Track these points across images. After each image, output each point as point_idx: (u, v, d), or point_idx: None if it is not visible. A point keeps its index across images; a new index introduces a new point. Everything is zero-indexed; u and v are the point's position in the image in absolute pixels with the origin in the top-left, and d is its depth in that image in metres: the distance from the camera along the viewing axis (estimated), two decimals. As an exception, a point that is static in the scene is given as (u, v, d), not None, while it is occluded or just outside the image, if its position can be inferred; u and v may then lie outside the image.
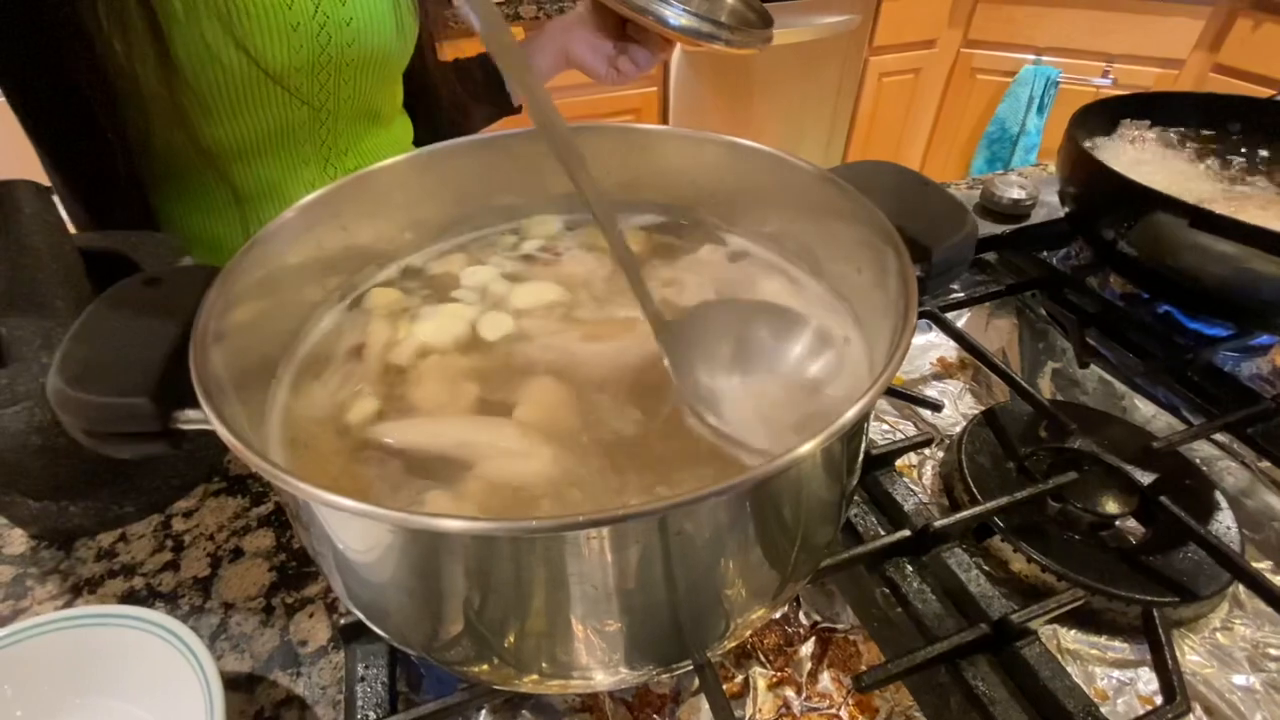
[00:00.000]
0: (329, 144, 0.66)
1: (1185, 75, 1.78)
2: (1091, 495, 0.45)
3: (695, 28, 0.61)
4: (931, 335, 0.64)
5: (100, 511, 0.45)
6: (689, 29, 0.61)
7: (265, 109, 0.58)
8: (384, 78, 0.67)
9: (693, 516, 0.23)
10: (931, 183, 0.37)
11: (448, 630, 0.27)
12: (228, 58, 0.53)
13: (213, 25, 0.51)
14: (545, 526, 0.21)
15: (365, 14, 0.61)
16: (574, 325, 0.39)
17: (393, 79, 0.70)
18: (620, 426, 0.32)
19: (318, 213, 0.36)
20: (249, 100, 0.57)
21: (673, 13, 0.60)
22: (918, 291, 0.28)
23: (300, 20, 0.56)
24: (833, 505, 0.31)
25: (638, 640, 0.27)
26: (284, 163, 0.64)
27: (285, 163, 0.64)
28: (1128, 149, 0.65)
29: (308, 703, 0.37)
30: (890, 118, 2.09)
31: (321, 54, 0.59)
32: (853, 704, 0.39)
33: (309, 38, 0.57)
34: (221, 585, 0.43)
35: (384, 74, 0.67)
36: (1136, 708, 0.38)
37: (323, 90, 0.61)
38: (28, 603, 0.42)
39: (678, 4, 0.60)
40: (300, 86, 0.59)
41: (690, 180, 0.44)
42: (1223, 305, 0.53)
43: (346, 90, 0.63)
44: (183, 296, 0.29)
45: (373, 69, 0.64)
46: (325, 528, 0.25)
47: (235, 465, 0.50)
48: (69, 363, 0.25)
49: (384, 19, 0.62)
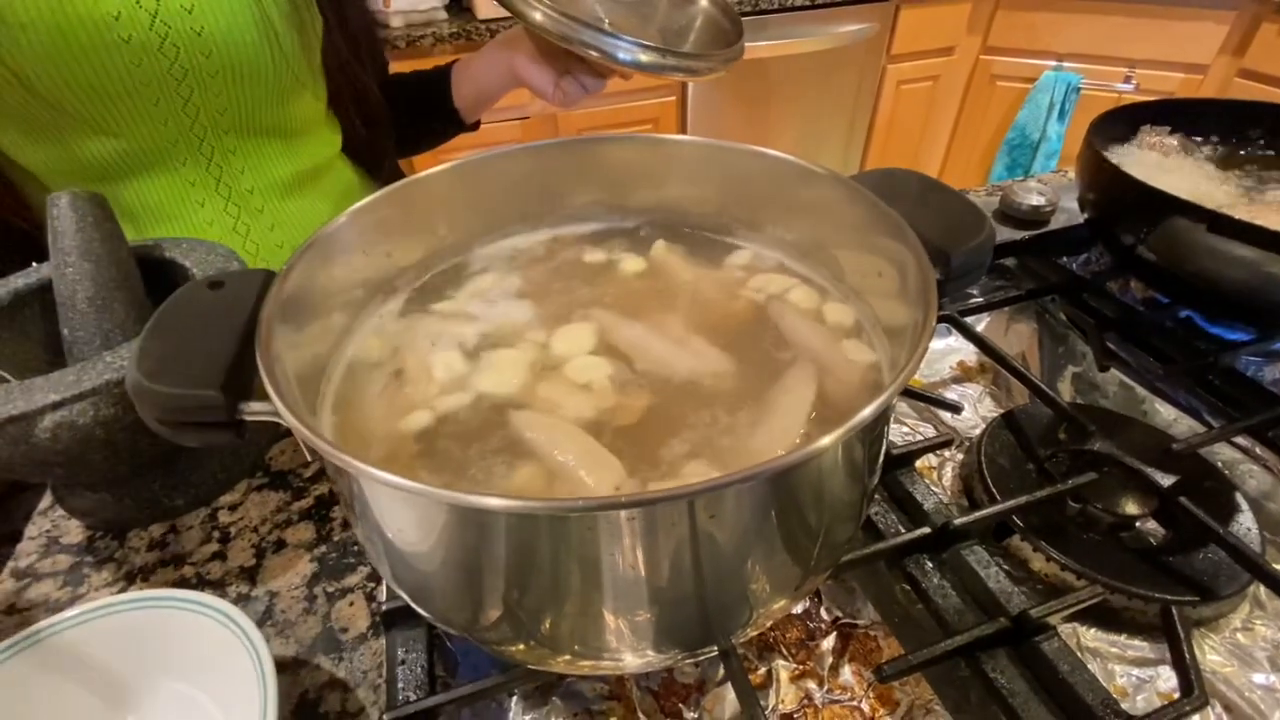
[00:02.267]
0: (218, 162, 0.63)
1: (1209, 81, 1.76)
2: (1111, 496, 0.46)
3: (649, 62, 0.54)
4: (951, 339, 0.64)
5: (152, 504, 0.48)
6: (639, 64, 0.54)
7: (130, 125, 0.56)
8: (267, 91, 0.62)
9: (721, 502, 0.25)
10: (949, 188, 0.38)
11: (487, 610, 0.29)
12: (78, 73, 0.51)
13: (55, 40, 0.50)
14: (583, 506, 0.22)
15: (217, 23, 0.57)
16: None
17: (283, 93, 0.64)
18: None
19: (369, 218, 0.38)
20: (109, 118, 0.55)
21: (623, 48, 0.53)
22: (937, 294, 0.30)
23: (133, 33, 0.53)
24: (854, 500, 0.32)
25: (665, 623, 0.29)
26: (168, 182, 0.61)
27: (169, 182, 0.61)
28: (1148, 155, 0.65)
29: (349, 685, 0.39)
30: (908, 125, 2.09)
31: (172, 67, 0.56)
32: (874, 697, 0.40)
33: (148, 51, 0.54)
34: (266, 574, 0.45)
35: (264, 87, 0.62)
36: (1156, 705, 0.38)
37: (189, 105, 0.59)
38: (85, 590, 0.44)
39: (626, 38, 0.54)
40: (156, 101, 0.57)
41: (714, 189, 0.46)
42: (1243, 310, 0.54)
43: (218, 104, 0.60)
44: (244, 297, 0.31)
45: (245, 82, 0.60)
46: (377, 513, 0.27)
47: (277, 462, 0.52)
48: (145, 358, 0.27)
49: (243, 29, 0.58)
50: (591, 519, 0.24)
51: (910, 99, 2.03)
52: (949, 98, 2.08)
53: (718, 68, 0.58)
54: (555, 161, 0.45)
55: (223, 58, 0.58)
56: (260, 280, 0.32)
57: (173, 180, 0.61)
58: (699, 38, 0.65)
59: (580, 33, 0.53)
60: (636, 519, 0.24)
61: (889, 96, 2.00)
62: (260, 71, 0.61)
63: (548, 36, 0.55)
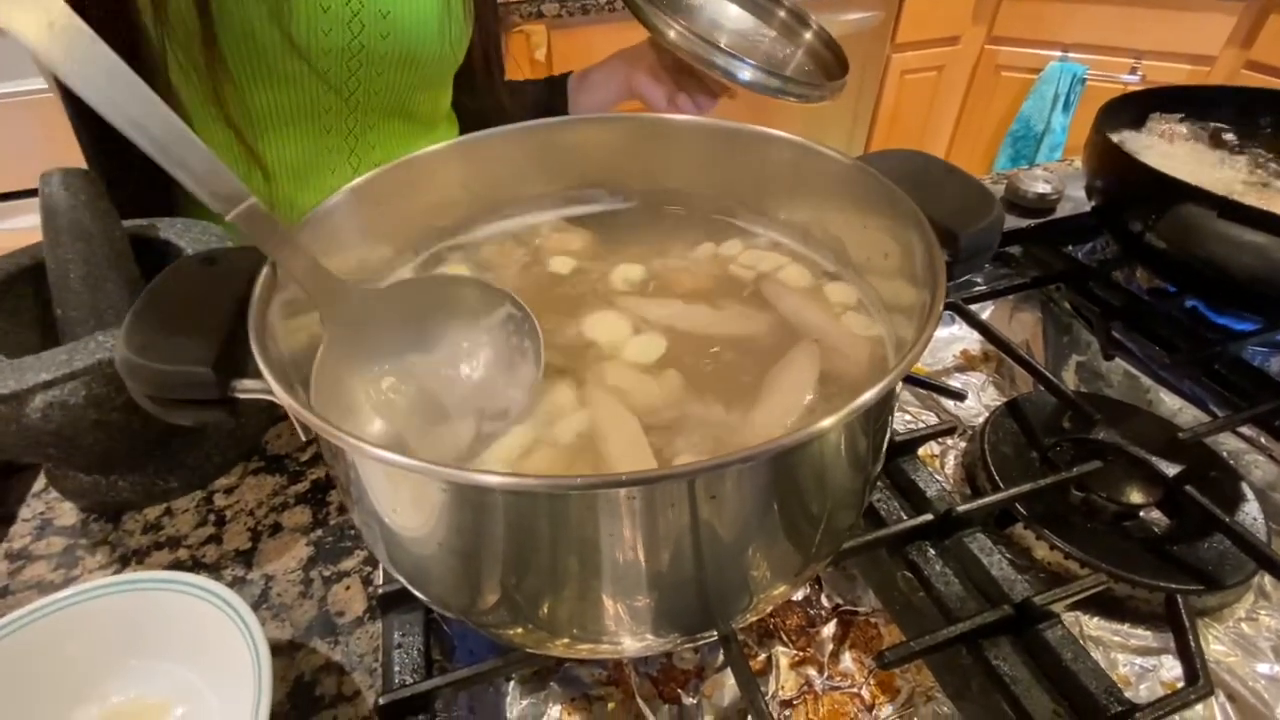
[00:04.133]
0: (356, 135, 0.66)
1: (1216, 72, 1.75)
2: (1116, 485, 0.45)
3: (765, 84, 0.59)
4: (955, 328, 0.64)
5: (146, 486, 0.47)
6: (758, 85, 0.59)
7: (293, 86, 0.59)
8: (422, 79, 0.66)
9: (722, 482, 0.24)
10: (957, 170, 0.37)
11: (486, 593, 0.28)
12: (265, 35, 0.54)
13: (258, 4, 0.53)
14: (582, 484, 0.22)
15: (406, 9, 0.60)
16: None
17: (433, 82, 0.69)
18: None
19: (366, 195, 0.37)
20: (279, 76, 0.58)
21: (745, 69, 0.59)
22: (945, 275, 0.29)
23: (331, 3, 0.56)
24: (856, 486, 0.31)
25: (665, 606, 0.28)
26: (310, 146, 0.64)
27: (312, 146, 0.64)
28: (1156, 143, 0.65)
29: (345, 669, 0.38)
30: (912, 115, 2.07)
31: (353, 41, 0.59)
32: (874, 684, 0.39)
33: (339, 22, 0.57)
34: (262, 558, 0.44)
35: (421, 75, 0.66)
36: (1159, 694, 0.38)
37: (352, 79, 0.61)
38: (79, 572, 0.44)
39: (747, 59, 0.59)
40: (328, 70, 0.59)
41: (718, 171, 0.45)
42: (1252, 298, 0.53)
43: (378, 84, 0.63)
44: (237, 274, 0.30)
45: (408, 67, 0.64)
46: (373, 493, 0.26)
47: (274, 445, 0.52)
48: (135, 334, 0.27)
49: (427, 18, 0.62)
50: (590, 498, 0.23)
51: (914, 89, 2.01)
52: (953, 88, 2.06)
53: (827, 96, 0.63)
54: (557, 140, 0.44)
55: (399, 41, 0.61)
56: (254, 257, 0.31)
57: (316, 145, 0.64)
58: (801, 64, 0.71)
59: (708, 52, 0.59)
60: (636, 498, 0.23)
61: (893, 86, 1.98)
62: (428, 59, 0.65)
63: (678, 53, 0.60)
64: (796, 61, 0.71)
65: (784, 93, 0.60)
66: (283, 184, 0.65)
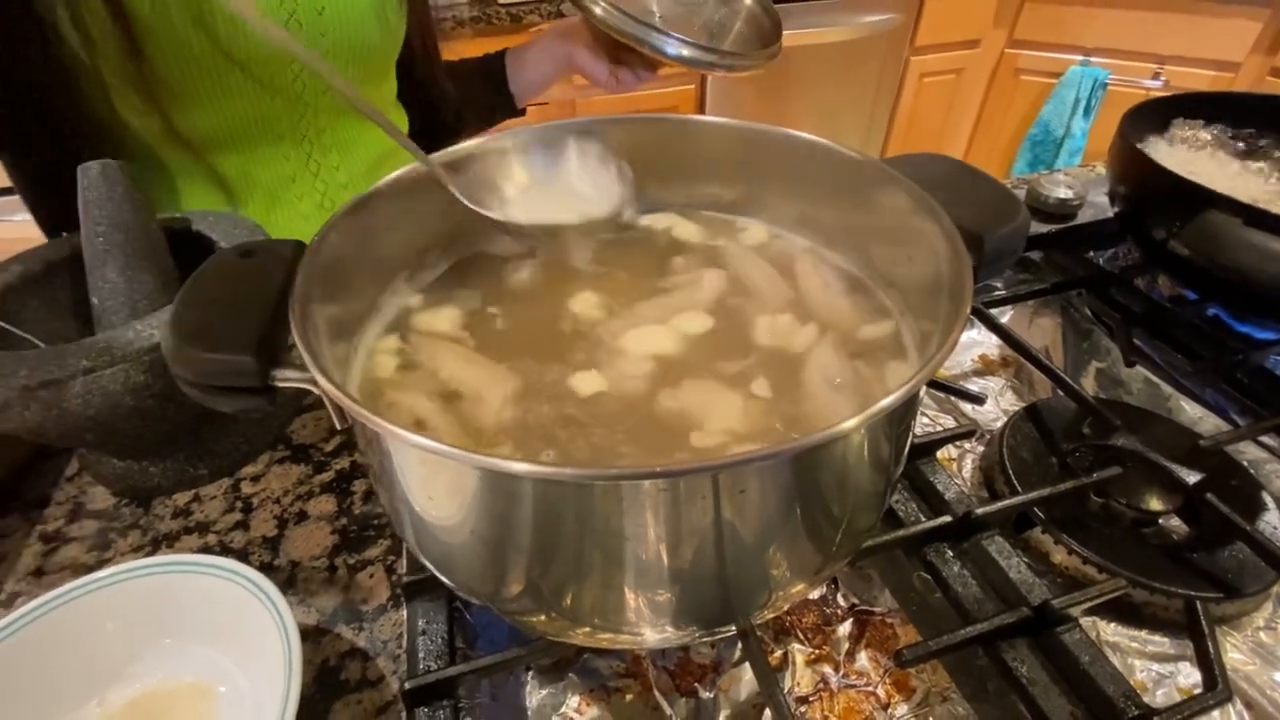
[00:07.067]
0: (310, 139, 0.65)
1: (1241, 78, 1.72)
2: (1135, 491, 0.45)
3: (694, 58, 0.59)
4: (974, 332, 0.64)
5: (177, 472, 0.48)
6: (687, 59, 0.59)
7: (238, 98, 0.58)
8: (365, 72, 0.65)
9: (746, 478, 0.25)
10: (982, 173, 0.38)
11: (511, 580, 0.29)
12: (196, 45, 0.53)
13: (180, 12, 0.51)
14: (611, 475, 0.22)
15: (339, 3, 0.59)
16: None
17: (378, 74, 0.68)
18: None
19: (402, 189, 0.38)
20: (220, 89, 0.56)
21: (671, 44, 0.59)
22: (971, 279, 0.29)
23: (265, 7, 0.55)
24: (878, 487, 0.32)
25: (686, 598, 0.29)
26: (265, 155, 0.63)
27: (266, 155, 0.63)
28: (1180, 149, 0.64)
29: (370, 654, 0.39)
30: (930, 118, 2.06)
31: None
32: (890, 683, 0.40)
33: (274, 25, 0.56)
34: (288, 545, 0.45)
35: (364, 68, 0.65)
36: (1176, 700, 0.38)
37: (297, 81, 0.60)
38: (111, 554, 0.45)
39: (675, 35, 0.58)
40: (271, 76, 0.58)
41: (742, 173, 0.45)
42: (1276, 306, 0.53)
43: (323, 83, 0.62)
44: (274, 266, 0.31)
45: (353, 61, 0.63)
46: (406, 480, 0.27)
47: (299, 435, 0.53)
48: (181, 322, 0.28)
49: (363, 11, 0.61)
50: (617, 489, 0.24)
51: (932, 92, 2.00)
52: (972, 91, 2.05)
53: (758, 65, 0.62)
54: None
55: (339, 36, 0.60)
56: (290, 249, 0.32)
57: (270, 153, 0.63)
58: (741, 32, 0.69)
59: (634, 28, 0.59)
60: (663, 490, 0.24)
61: (911, 89, 1.97)
62: (370, 51, 0.63)
63: (605, 29, 0.60)
64: (735, 31, 0.70)
65: (711, 65, 0.60)
66: (243, 196, 0.64)
